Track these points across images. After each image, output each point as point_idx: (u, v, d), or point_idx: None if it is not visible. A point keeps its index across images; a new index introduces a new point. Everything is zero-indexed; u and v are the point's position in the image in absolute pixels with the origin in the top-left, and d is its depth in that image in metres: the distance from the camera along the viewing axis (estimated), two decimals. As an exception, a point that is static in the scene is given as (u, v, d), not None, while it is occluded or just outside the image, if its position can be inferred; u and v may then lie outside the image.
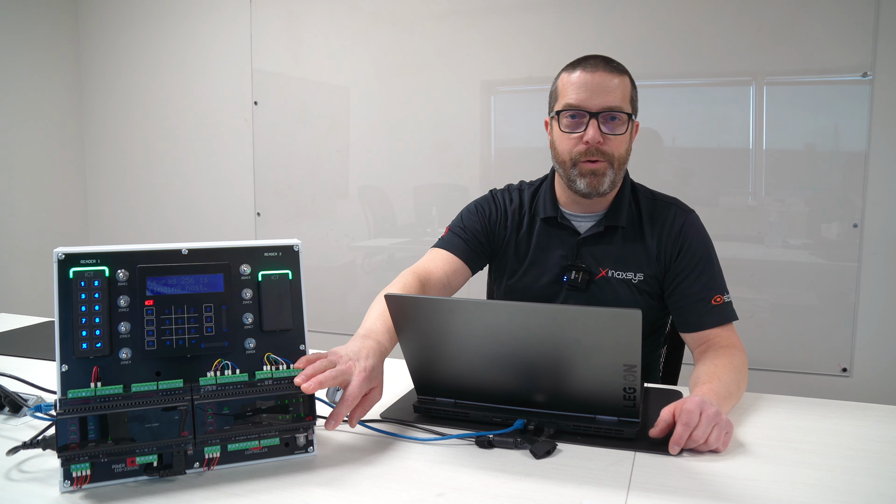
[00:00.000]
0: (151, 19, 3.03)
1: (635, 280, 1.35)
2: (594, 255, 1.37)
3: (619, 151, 1.31)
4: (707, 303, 1.31)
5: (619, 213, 1.37)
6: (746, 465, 0.93)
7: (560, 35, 2.37)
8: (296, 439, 0.95)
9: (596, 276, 1.36)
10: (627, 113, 1.30)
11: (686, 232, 1.35)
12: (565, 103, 1.30)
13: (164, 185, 3.10)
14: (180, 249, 0.93)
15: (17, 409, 1.10)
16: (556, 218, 1.40)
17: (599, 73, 1.29)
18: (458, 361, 1.07)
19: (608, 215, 1.37)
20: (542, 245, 1.41)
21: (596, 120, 1.27)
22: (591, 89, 1.28)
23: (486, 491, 0.86)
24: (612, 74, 1.29)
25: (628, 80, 1.32)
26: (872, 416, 1.12)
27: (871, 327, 2.15)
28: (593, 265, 1.37)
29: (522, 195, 1.47)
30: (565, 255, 1.39)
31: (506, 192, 1.49)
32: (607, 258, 1.37)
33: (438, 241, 1.46)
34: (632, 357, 0.95)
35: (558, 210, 1.41)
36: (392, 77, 2.63)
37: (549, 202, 1.42)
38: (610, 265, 1.36)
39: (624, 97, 1.30)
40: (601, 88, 1.28)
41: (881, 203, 2.11)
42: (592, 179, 1.30)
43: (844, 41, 2.08)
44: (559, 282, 1.39)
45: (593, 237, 1.37)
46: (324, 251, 2.81)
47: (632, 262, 1.36)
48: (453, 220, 1.49)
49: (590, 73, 1.29)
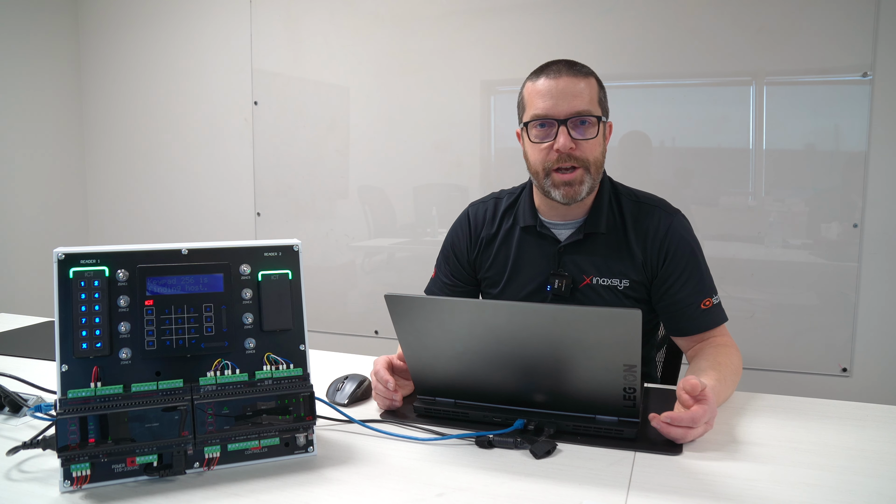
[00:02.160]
0: (151, 19, 3.03)
1: (621, 286, 1.33)
2: (576, 263, 1.35)
3: (594, 155, 1.28)
4: (696, 307, 1.30)
5: (599, 220, 1.34)
6: (746, 465, 0.93)
7: (560, 35, 2.37)
8: (296, 439, 0.95)
9: (580, 283, 1.34)
10: (597, 116, 1.27)
11: (671, 237, 1.32)
12: (532, 114, 1.28)
13: (164, 185, 3.10)
14: (180, 249, 0.93)
15: (17, 409, 1.10)
16: (536, 227, 1.38)
17: (563, 78, 1.26)
18: (458, 361, 1.07)
19: (587, 223, 1.34)
20: (523, 254, 1.40)
21: (565, 126, 1.25)
22: (557, 96, 1.25)
23: (486, 491, 0.86)
24: (577, 78, 1.26)
25: (595, 82, 1.30)
26: (872, 416, 1.12)
27: (871, 327, 2.15)
28: (576, 273, 1.34)
29: (499, 204, 1.46)
30: (547, 264, 1.36)
31: (481, 206, 1.48)
32: (590, 265, 1.34)
33: (428, 285, 1.52)
34: (632, 357, 0.95)
35: (537, 219, 1.38)
36: (392, 77, 2.63)
37: (528, 211, 1.39)
38: (594, 272, 1.34)
39: (592, 100, 1.27)
40: (567, 94, 1.25)
41: (881, 203, 2.11)
42: (568, 189, 1.28)
43: (844, 41, 2.08)
44: (543, 291, 1.36)
45: (574, 245, 1.35)
46: (324, 251, 2.81)
47: (616, 268, 1.33)
48: (437, 258, 1.52)
49: (553, 80, 1.26)
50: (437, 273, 1.52)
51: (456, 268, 1.48)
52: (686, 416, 0.96)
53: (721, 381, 1.13)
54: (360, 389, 1.19)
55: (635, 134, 2.31)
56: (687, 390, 0.98)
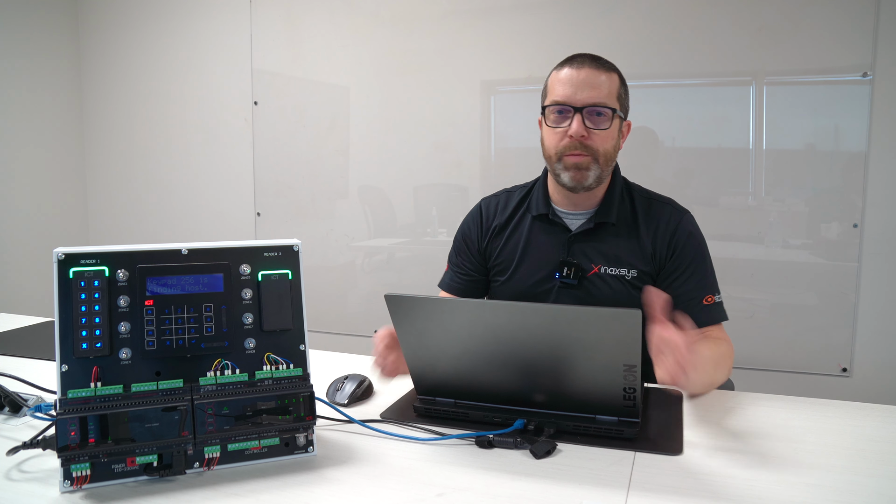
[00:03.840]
0: (151, 19, 3.03)
1: (629, 276, 1.35)
2: (586, 252, 1.37)
3: (605, 147, 1.31)
4: (698, 302, 1.32)
5: (610, 210, 1.37)
6: (746, 465, 0.93)
7: (560, 35, 2.37)
8: (296, 439, 0.95)
9: (588, 272, 1.37)
10: (612, 108, 1.30)
11: (680, 232, 1.35)
12: (552, 99, 1.33)
13: (164, 185, 3.10)
14: (180, 249, 0.93)
15: (17, 409, 1.10)
16: (548, 215, 1.41)
17: (586, 69, 1.30)
18: (458, 361, 1.07)
19: (598, 212, 1.38)
20: (534, 242, 1.42)
21: (580, 114, 1.29)
22: (577, 85, 1.29)
23: (486, 491, 0.86)
24: (599, 71, 1.31)
25: (617, 78, 1.33)
26: (872, 416, 1.12)
27: (871, 327, 2.15)
28: (585, 262, 1.37)
29: (511, 196, 1.49)
30: (557, 251, 1.39)
31: (493, 199, 1.51)
32: (599, 255, 1.37)
33: (442, 279, 1.54)
34: (632, 357, 0.95)
35: (550, 207, 1.41)
36: (392, 77, 2.63)
37: (542, 200, 1.42)
38: (602, 262, 1.36)
39: (610, 94, 1.30)
40: (586, 84, 1.29)
41: (881, 203, 2.11)
42: (576, 173, 1.31)
43: (844, 41, 2.08)
44: (552, 278, 1.39)
45: (584, 234, 1.38)
46: (324, 251, 2.81)
47: (625, 258, 1.36)
48: (450, 252, 1.54)
49: (576, 70, 1.31)
50: (450, 266, 1.54)
51: (467, 257, 1.50)
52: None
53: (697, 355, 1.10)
54: (360, 389, 1.19)
55: (640, 130, 2.31)
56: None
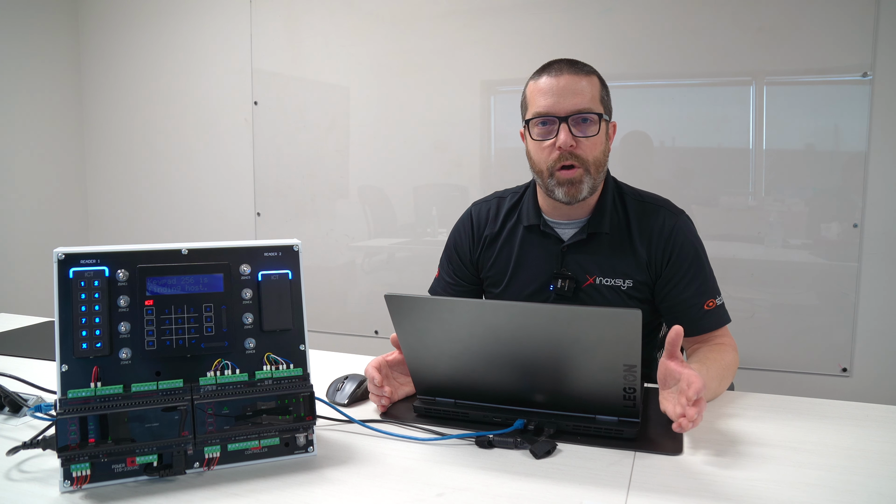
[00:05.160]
0: (151, 19, 3.03)
1: (624, 286, 1.33)
2: (580, 262, 1.35)
3: (595, 154, 1.28)
4: (699, 308, 1.30)
5: (602, 220, 1.34)
6: (747, 465, 0.93)
7: (560, 35, 2.37)
8: (296, 439, 0.95)
9: (583, 283, 1.34)
10: (598, 113, 1.27)
11: (675, 237, 1.32)
12: (534, 111, 1.28)
13: (164, 185, 3.10)
14: (180, 249, 0.93)
15: (17, 409, 1.10)
16: (539, 226, 1.38)
17: (565, 76, 1.26)
18: (458, 361, 1.07)
19: (591, 222, 1.34)
20: (526, 253, 1.39)
21: (566, 124, 1.25)
22: (558, 93, 1.25)
23: (486, 491, 0.86)
24: (579, 76, 1.27)
25: (597, 81, 1.30)
26: (872, 416, 1.12)
27: (871, 327, 2.15)
28: (580, 273, 1.34)
29: (502, 203, 1.45)
30: (551, 263, 1.36)
31: (484, 206, 1.48)
32: (594, 265, 1.34)
33: (432, 284, 1.53)
34: (632, 357, 0.95)
35: (541, 218, 1.38)
36: (392, 77, 2.63)
37: (532, 210, 1.39)
38: (597, 272, 1.34)
39: (593, 98, 1.27)
40: (568, 91, 1.25)
41: (881, 203, 2.11)
42: (570, 188, 1.28)
43: (844, 41, 2.08)
44: (546, 291, 1.36)
45: (577, 244, 1.35)
46: (324, 251, 2.81)
47: (620, 268, 1.33)
48: (441, 257, 1.53)
49: (555, 78, 1.27)
50: (441, 273, 1.52)
51: (459, 267, 1.48)
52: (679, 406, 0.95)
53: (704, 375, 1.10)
54: (360, 389, 1.19)
55: (636, 134, 2.31)
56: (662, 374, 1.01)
